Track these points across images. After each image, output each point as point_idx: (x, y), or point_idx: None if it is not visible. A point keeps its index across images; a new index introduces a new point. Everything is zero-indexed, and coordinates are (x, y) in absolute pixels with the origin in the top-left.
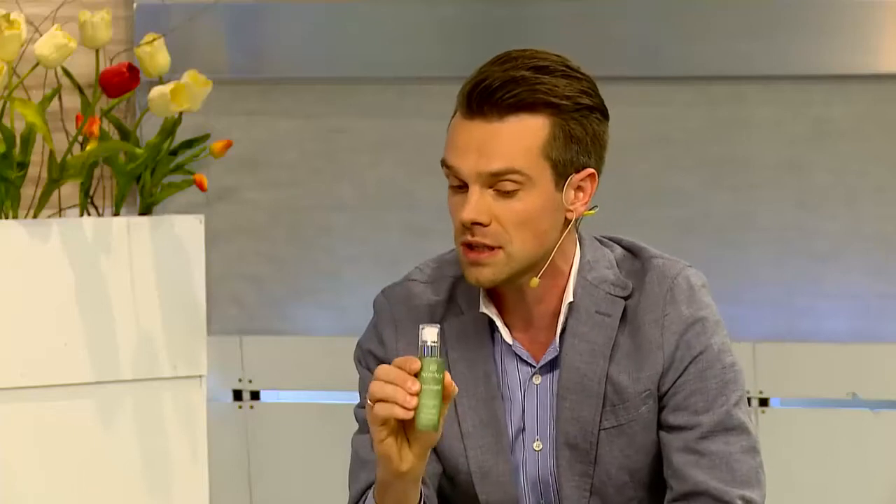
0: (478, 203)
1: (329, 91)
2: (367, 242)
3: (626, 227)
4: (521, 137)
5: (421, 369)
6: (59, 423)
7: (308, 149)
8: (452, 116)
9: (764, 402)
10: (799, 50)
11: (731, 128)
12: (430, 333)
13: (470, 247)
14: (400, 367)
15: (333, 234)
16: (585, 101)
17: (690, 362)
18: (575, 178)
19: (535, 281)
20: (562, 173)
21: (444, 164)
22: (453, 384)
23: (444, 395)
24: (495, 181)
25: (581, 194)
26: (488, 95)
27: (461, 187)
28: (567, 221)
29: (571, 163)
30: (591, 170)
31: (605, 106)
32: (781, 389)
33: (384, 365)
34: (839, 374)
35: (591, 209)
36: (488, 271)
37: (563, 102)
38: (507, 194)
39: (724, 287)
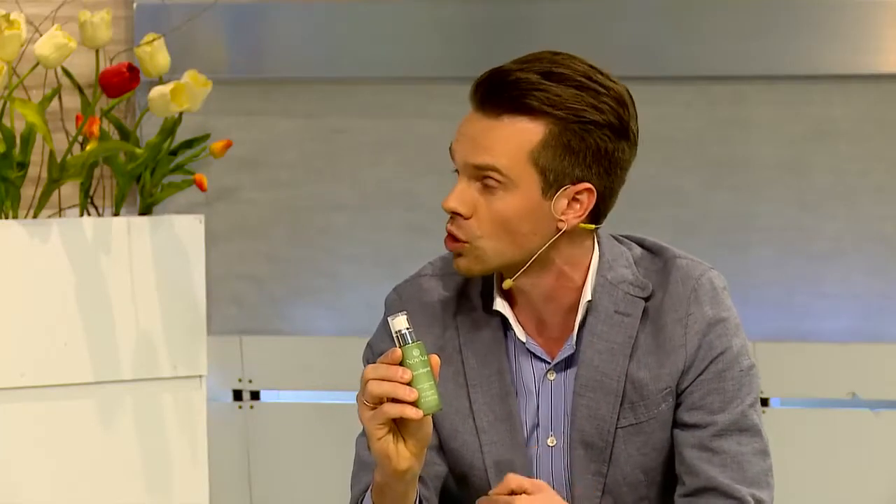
0: (461, 193)
1: (329, 91)
2: (367, 242)
3: (625, 227)
4: (510, 139)
5: (406, 358)
6: (59, 423)
7: (308, 149)
8: None
9: (764, 402)
10: (799, 50)
11: (731, 128)
12: (400, 322)
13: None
14: (385, 362)
15: (333, 234)
16: (593, 115)
17: (711, 362)
18: (570, 189)
19: (509, 283)
20: (552, 182)
21: (450, 148)
22: (436, 356)
23: (433, 372)
24: (479, 175)
25: (577, 206)
26: (491, 92)
27: (458, 172)
28: (558, 230)
29: (565, 174)
30: (587, 184)
31: (624, 124)
32: (781, 389)
33: (371, 364)
34: (839, 374)
35: (590, 223)
36: (462, 261)
37: (560, 113)
38: (490, 190)
39: None
